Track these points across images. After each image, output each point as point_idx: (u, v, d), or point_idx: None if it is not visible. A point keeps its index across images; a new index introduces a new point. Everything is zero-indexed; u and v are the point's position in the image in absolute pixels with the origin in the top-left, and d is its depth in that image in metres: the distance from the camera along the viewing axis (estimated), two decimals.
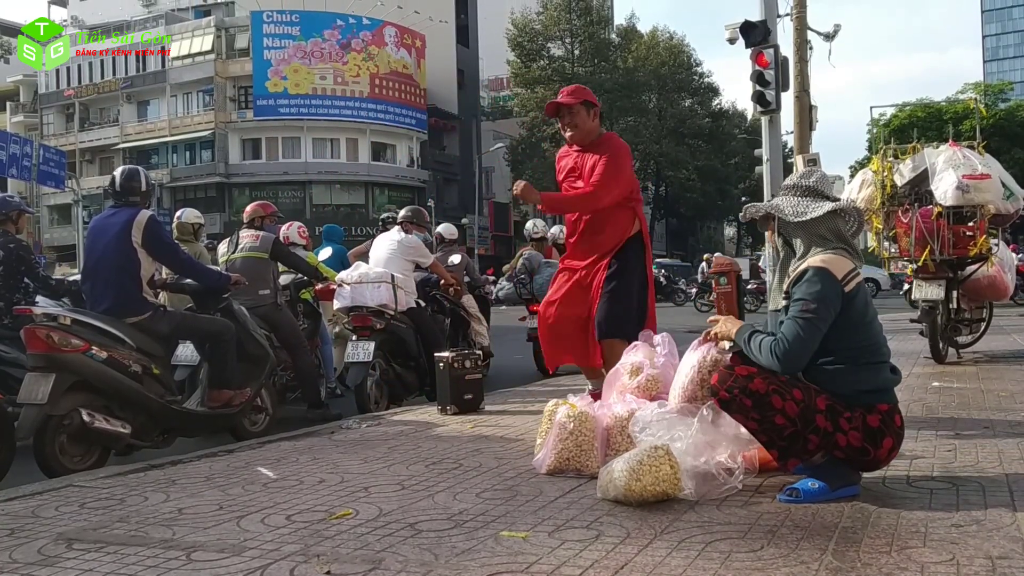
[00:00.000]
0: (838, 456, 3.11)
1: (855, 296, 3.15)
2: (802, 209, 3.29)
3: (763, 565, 2.43)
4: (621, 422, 3.71)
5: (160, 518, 3.20)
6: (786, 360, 3.08)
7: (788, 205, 3.33)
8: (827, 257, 3.17)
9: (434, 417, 5.66)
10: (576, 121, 4.95)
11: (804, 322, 3.08)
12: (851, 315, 3.13)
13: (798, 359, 3.11)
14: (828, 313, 3.09)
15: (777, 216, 3.34)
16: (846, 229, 3.32)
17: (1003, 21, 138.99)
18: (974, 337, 8.55)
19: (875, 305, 3.40)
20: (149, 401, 4.88)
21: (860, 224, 3.40)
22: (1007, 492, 3.14)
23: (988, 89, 58.80)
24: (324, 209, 47.43)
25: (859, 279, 3.19)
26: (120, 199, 5.23)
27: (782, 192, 3.43)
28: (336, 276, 6.92)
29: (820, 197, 3.32)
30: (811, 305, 3.08)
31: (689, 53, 58.73)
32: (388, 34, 49.32)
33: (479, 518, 3.03)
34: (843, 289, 3.12)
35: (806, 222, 3.27)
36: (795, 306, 3.13)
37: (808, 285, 3.12)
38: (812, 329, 3.08)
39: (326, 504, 3.32)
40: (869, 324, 3.19)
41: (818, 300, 3.08)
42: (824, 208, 3.26)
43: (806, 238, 3.28)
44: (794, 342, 3.08)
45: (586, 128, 4.97)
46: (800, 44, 15.11)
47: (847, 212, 3.32)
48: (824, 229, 3.27)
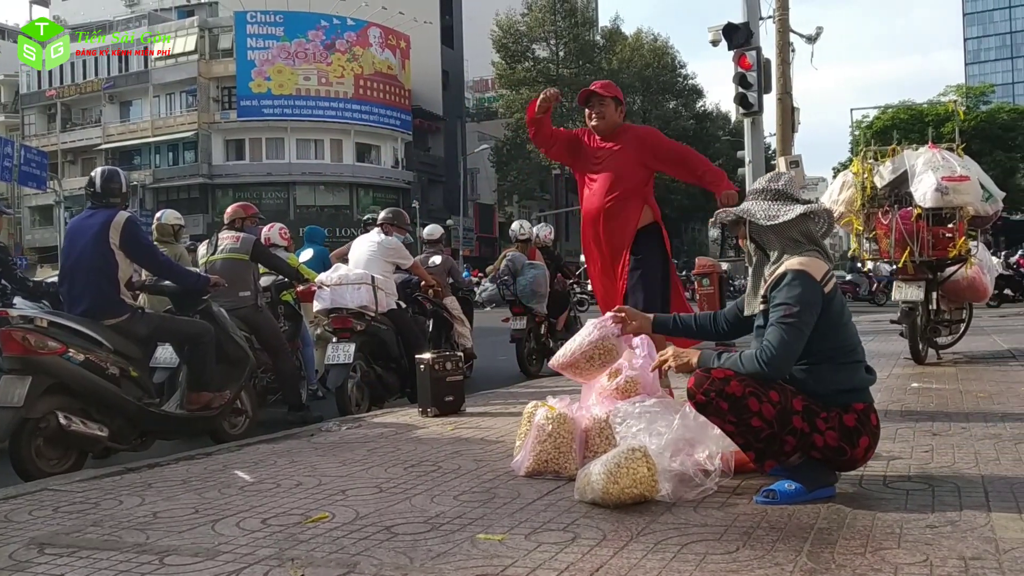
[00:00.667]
0: (815, 457, 3.12)
1: (833, 297, 3.17)
2: (774, 212, 3.29)
3: (738, 567, 2.43)
4: (600, 424, 3.71)
5: (134, 522, 3.18)
6: (773, 366, 3.07)
7: (759, 209, 3.33)
8: (804, 259, 3.17)
9: (415, 419, 5.64)
10: (605, 112, 5.20)
11: (788, 326, 3.07)
12: (830, 316, 3.15)
13: (785, 364, 3.10)
14: (811, 315, 3.09)
15: (749, 220, 3.35)
16: (817, 231, 3.33)
17: (984, 24, 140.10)
18: (954, 338, 8.60)
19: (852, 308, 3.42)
20: (127, 404, 4.85)
21: (830, 225, 3.42)
22: (982, 493, 3.15)
23: (969, 92, 59.28)
24: (308, 210, 47.30)
25: (835, 280, 3.20)
26: (99, 200, 5.19)
27: (751, 196, 3.43)
28: (316, 277, 6.89)
29: (790, 200, 3.33)
30: (794, 309, 3.08)
31: (673, 55, 58.88)
32: (372, 35, 49.27)
33: (456, 521, 3.02)
34: (823, 290, 3.13)
35: (778, 225, 3.27)
36: (777, 311, 3.12)
37: (789, 289, 3.12)
38: (796, 333, 3.07)
39: (302, 507, 3.30)
40: (846, 325, 3.21)
41: (800, 303, 3.08)
42: (796, 211, 3.26)
43: (779, 242, 3.29)
44: (780, 347, 3.06)
45: (612, 121, 5.22)
46: (782, 46, 15.17)
47: (817, 214, 3.33)
48: (796, 232, 3.27)
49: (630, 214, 5.17)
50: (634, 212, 5.18)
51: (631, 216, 5.18)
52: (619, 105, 5.28)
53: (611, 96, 5.22)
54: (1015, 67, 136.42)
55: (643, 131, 5.46)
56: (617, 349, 3.78)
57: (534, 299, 9.15)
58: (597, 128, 5.25)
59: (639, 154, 5.20)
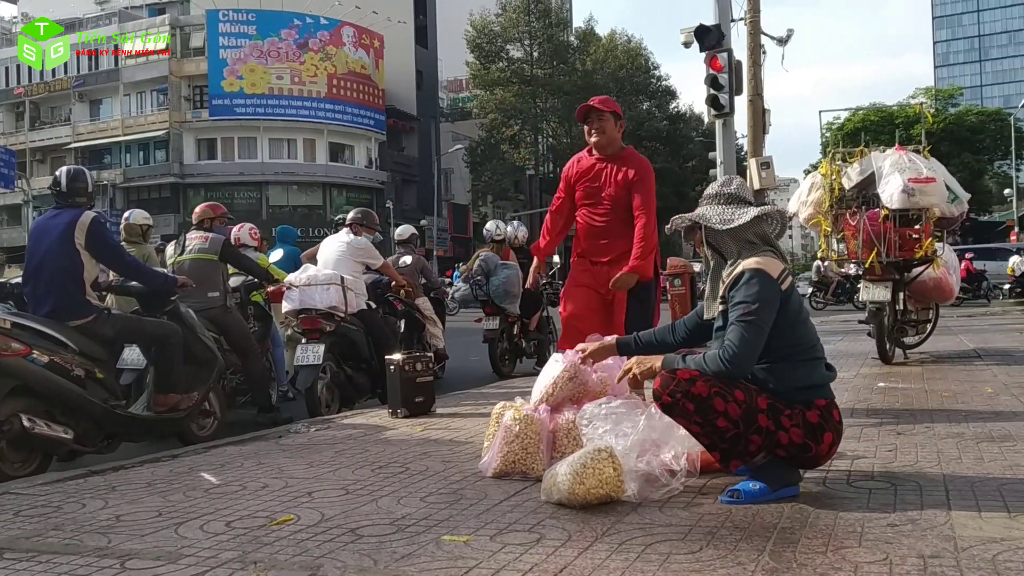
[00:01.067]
0: (780, 455, 3.14)
1: (790, 294, 3.20)
2: (728, 216, 3.33)
3: (701, 566, 2.45)
4: (567, 425, 3.72)
5: (96, 525, 3.15)
6: (736, 364, 3.10)
7: (714, 214, 3.37)
8: (760, 259, 3.22)
9: (384, 420, 5.62)
10: (604, 127, 5.15)
11: (748, 324, 3.11)
12: (788, 313, 3.18)
13: (748, 361, 3.13)
14: (769, 313, 3.13)
15: (704, 225, 3.38)
16: (771, 232, 3.39)
17: (953, 27, 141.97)
18: (921, 338, 8.70)
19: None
20: (92, 406, 4.79)
21: (783, 226, 3.46)
22: (943, 492, 3.19)
23: (939, 94, 60.01)
24: (281, 210, 47.04)
25: (791, 279, 3.24)
26: (65, 200, 5.13)
27: (704, 202, 3.47)
28: (286, 278, 6.86)
29: (743, 203, 3.38)
30: (753, 306, 3.11)
31: (647, 56, 59.12)
32: (346, 34, 49.09)
33: (422, 522, 3.02)
34: (780, 287, 3.17)
35: (733, 229, 3.31)
36: (736, 310, 3.16)
37: (747, 287, 3.15)
38: (757, 330, 3.11)
39: (268, 510, 3.29)
40: (804, 322, 3.25)
41: (758, 300, 3.12)
42: (750, 214, 3.31)
43: (735, 244, 3.33)
44: (741, 345, 3.10)
45: (611, 136, 5.17)
46: (754, 48, 15.28)
47: (770, 216, 3.38)
48: (751, 234, 3.32)
49: (625, 235, 5.09)
50: (629, 233, 5.10)
51: (626, 237, 5.09)
52: (618, 120, 5.22)
53: (610, 111, 5.17)
54: (983, 70, 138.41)
55: (642, 164, 5.25)
56: (585, 378, 3.81)
57: (507, 299, 9.16)
58: (597, 144, 5.20)
59: (635, 183, 5.12)
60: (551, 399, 3.78)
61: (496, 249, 9.65)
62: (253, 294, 7.35)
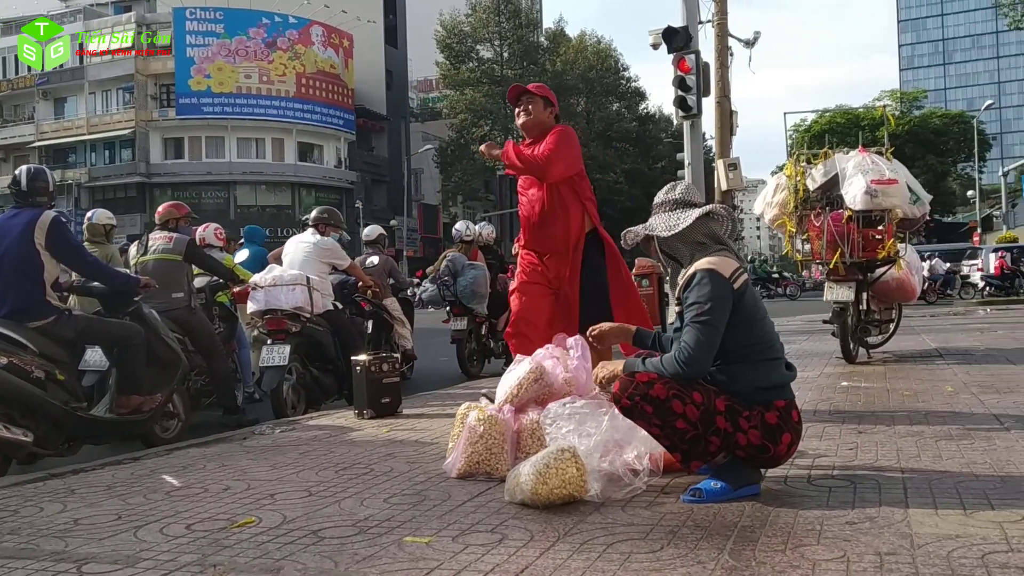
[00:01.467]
0: (739, 455, 3.17)
1: (744, 293, 3.22)
2: (674, 222, 3.38)
3: (661, 565, 2.46)
4: (532, 425, 3.73)
5: (54, 529, 3.11)
6: (691, 366, 3.12)
7: (660, 222, 3.42)
8: (712, 259, 3.25)
9: (350, 421, 5.60)
10: (532, 108, 4.95)
11: (701, 325, 3.14)
12: (743, 312, 3.20)
13: (702, 362, 3.15)
14: (723, 312, 3.16)
15: (655, 235, 3.43)
16: (722, 231, 3.42)
17: (918, 31, 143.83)
18: (884, 337, 8.81)
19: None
20: (53, 408, 4.72)
21: (733, 223, 3.52)
22: (902, 489, 3.23)
23: (903, 97, 60.76)
24: (249, 210, 46.65)
25: (745, 277, 3.26)
26: (25, 199, 5.06)
27: (653, 212, 3.53)
28: (251, 278, 6.81)
29: (689, 206, 3.42)
30: (705, 307, 3.14)
31: (616, 58, 59.32)
32: (315, 33, 48.81)
33: (384, 524, 3.01)
34: (733, 287, 3.19)
35: (681, 232, 3.35)
36: (690, 311, 3.19)
37: (699, 288, 3.19)
38: (710, 330, 3.14)
39: (229, 512, 3.26)
40: (761, 321, 3.26)
41: (710, 300, 3.15)
42: (694, 215, 3.35)
43: (687, 248, 3.38)
44: (696, 347, 3.12)
45: (539, 118, 4.96)
46: (721, 50, 15.41)
47: (717, 214, 3.41)
48: (700, 235, 3.36)
49: (570, 219, 4.85)
50: (574, 217, 4.86)
51: (572, 221, 4.85)
52: (549, 106, 5.02)
53: (541, 96, 5.01)
54: (947, 73, 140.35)
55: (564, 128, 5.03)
56: (551, 380, 3.82)
57: (474, 300, 9.16)
58: (524, 125, 4.99)
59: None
60: (516, 400, 3.78)
61: (464, 250, 9.64)
62: (218, 295, 7.29)
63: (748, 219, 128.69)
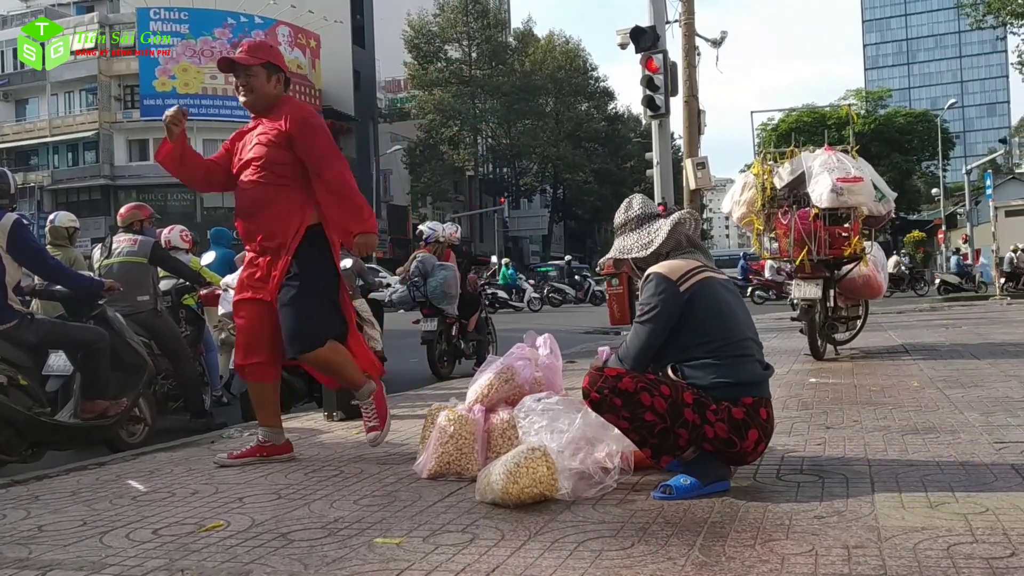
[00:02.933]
0: (707, 449, 3.19)
1: (697, 292, 3.27)
2: (647, 239, 3.49)
3: (632, 562, 2.46)
4: (502, 425, 3.72)
5: (17, 536, 3.05)
6: (628, 361, 3.29)
7: (632, 242, 3.53)
8: (667, 262, 3.36)
9: (320, 424, 5.57)
10: (252, 84, 4.22)
11: (640, 325, 3.31)
12: (696, 311, 3.25)
13: (638, 360, 3.29)
14: (664, 313, 3.25)
15: (630, 257, 3.53)
16: (690, 231, 3.51)
17: (882, 31, 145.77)
18: (851, 334, 8.90)
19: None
20: (15, 414, 4.63)
21: (697, 222, 3.63)
22: (868, 483, 3.26)
23: (869, 96, 61.59)
24: (216, 212, 46.15)
25: (700, 276, 3.30)
26: None
27: (618, 234, 3.62)
28: (220, 280, 6.74)
29: (652, 219, 3.53)
30: (645, 308, 3.30)
31: (585, 58, 59.59)
32: (281, 33, 48.39)
33: (354, 526, 2.99)
34: (678, 288, 3.25)
35: (657, 248, 3.45)
36: (637, 311, 3.35)
37: (645, 290, 3.33)
38: (647, 330, 3.28)
39: (197, 516, 3.22)
40: (724, 318, 3.29)
41: (650, 302, 3.28)
42: (664, 229, 3.46)
43: (660, 258, 3.45)
44: (632, 343, 3.31)
45: (263, 92, 4.24)
46: (688, 50, 15.47)
47: (684, 220, 3.50)
48: (673, 242, 3.45)
49: (282, 207, 4.13)
50: (289, 206, 4.13)
51: (285, 210, 4.13)
52: (274, 73, 4.26)
53: (260, 63, 4.21)
54: (911, 72, 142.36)
55: (297, 109, 4.30)
56: (521, 381, 3.84)
57: (445, 300, 9.13)
58: (247, 104, 4.28)
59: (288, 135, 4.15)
60: (486, 400, 3.78)
61: (433, 250, 9.61)
62: (185, 297, 7.22)
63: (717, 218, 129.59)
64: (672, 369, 3.34)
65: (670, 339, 3.27)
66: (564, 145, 55.20)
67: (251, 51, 4.25)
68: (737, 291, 3.57)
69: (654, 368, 3.34)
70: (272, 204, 4.14)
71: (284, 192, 4.15)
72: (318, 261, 4.18)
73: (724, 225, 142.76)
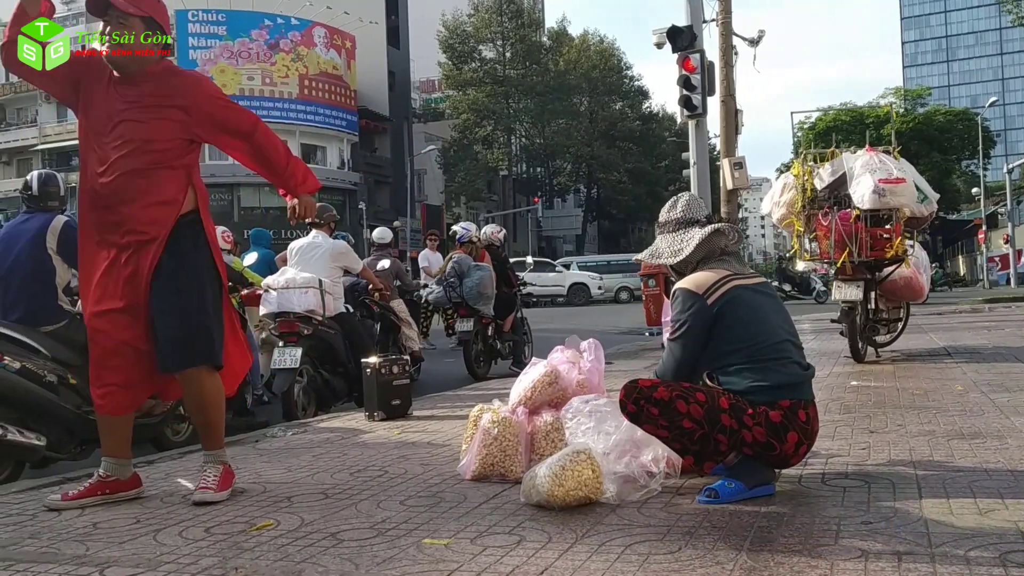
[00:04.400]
0: (747, 453, 3.18)
1: (727, 303, 3.27)
2: (678, 246, 3.51)
3: (680, 566, 2.47)
4: (546, 427, 3.74)
5: (74, 533, 3.12)
6: (668, 379, 3.31)
7: (666, 245, 3.56)
8: (692, 275, 3.39)
9: (361, 424, 5.62)
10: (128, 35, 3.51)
11: (672, 342, 3.35)
12: (727, 321, 3.26)
13: (677, 376, 3.33)
14: (694, 329, 3.29)
15: (659, 262, 3.58)
16: (728, 244, 3.53)
17: (921, 28, 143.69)
18: (892, 336, 8.81)
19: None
20: (65, 412, 4.74)
21: (739, 235, 3.65)
22: (916, 489, 3.24)
23: (907, 94, 60.68)
24: (253, 212, 46.69)
25: (729, 286, 3.31)
26: (36, 204, 5.09)
27: (658, 232, 3.66)
28: (262, 281, 6.82)
29: (692, 225, 3.53)
30: (675, 325, 3.34)
31: (620, 57, 59.46)
32: (317, 35, 48.81)
33: (402, 526, 3.02)
34: (706, 302, 3.27)
35: (686, 258, 3.47)
36: (669, 328, 3.39)
37: (674, 307, 3.38)
38: (679, 346, 3.33)
39: (247, 515, 3.27)
40: (757, 324, 3.29)
41: (680, 318, 3.32)
42: (695, 239, 3.46)
43: (691, 265, 3.49)
44: (667, 361, 3.38)
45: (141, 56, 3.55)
46: (725, 49, 15.36)
47: (720, 231, 3.50)
48: (705, 252, 3.47)
49: (160, 193, 3.53)
50: (167, 191, 3.55)
51: (162, 196, 3.53)
52: (154, 31, 3.57)
53: (141, 14, 3.52)
54: (951, 70, 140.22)
55: (194, 79, 3.78)
56: (565, 384, 3.85)
57: (481, 301, 9.16)
58: (115, 62, 3.54)
59: (183, 111, 3.58)
60: (529, 402, 3.80)
61: (468, 251, 9.64)
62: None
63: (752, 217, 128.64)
64: (708, 376, 3.35)
65: (704, 349, 3.31)
66: (598, 144, 55.12)
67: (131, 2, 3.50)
68: (774, 292, 3.57)
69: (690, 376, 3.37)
70: (140, 192, 3.49)
71: (156, 177, 3.52)
72: (196, 255, 3.61)
73: (760, 224, 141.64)
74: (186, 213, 3.60)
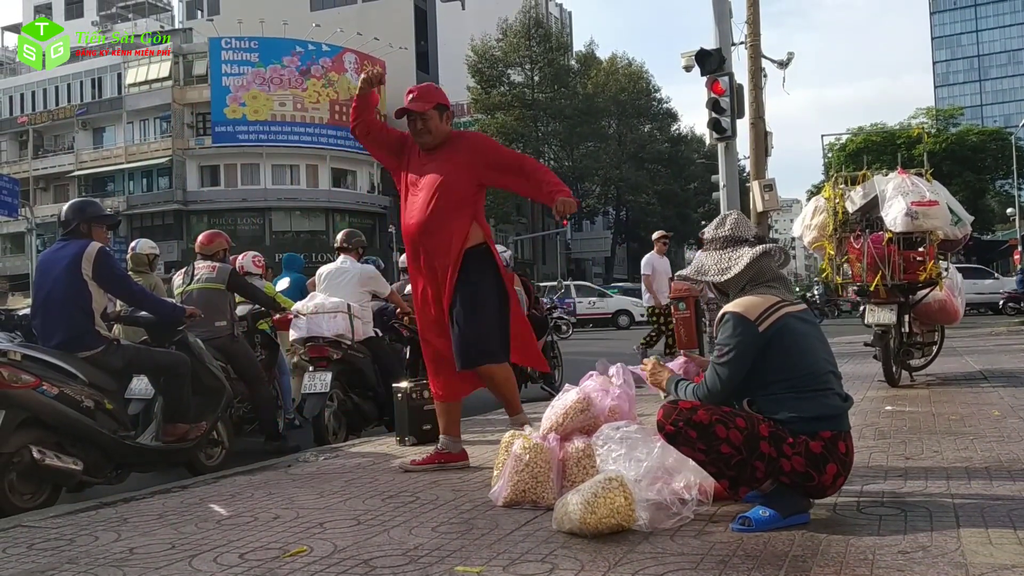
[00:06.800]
0: (784, 482, 3.15)
1: (777, 331, 3.23)
2: (725, 265, 3.45)
3: None
4: (577, 454, 3.73)
5: (110, 558, 3.16)
6: (710, 402, 3.25)
7: (713, 263, 3.49)
8: (743, 300, 3.31)
9: (393, 448, 5.63)
10: (430, 126, 4.69)
11: (719, 367, 3.27)
12: (776, 349, 3.22)
13: (719, 399, 3.26)
14: (743, 355, 3.23)
15: (705, 280, 3.52)
16: (775, 265, 3.47)
17: (952, 48, 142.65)
18: (926, 360, 8.69)
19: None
20: (102, 437, 4.81)
21: (786, 256, 3.61)
22: (953, 517, 3.19)
23: (939, 114, 60.13)
24: (284, 236, 47.17)
25: (779, 314, 3.26)
26: (69, 231, 5.17)
27: (704, 249, 3.61)
28: (292, 306, 6.88)
29: (740, 243, 3.46)
30: (724, 349, 3.26)
31: (648, 79, 59.51)
32: (348, 60, 49.36)
33: (434, 553, 3.02)
34: (757, 329, 3.22)
35: (733, 277, 3.41)
36: (715, 351, 3.33)
37: (723, 330, 3.29)
38: (726, 372, 3.25)
39: (280, 541, 3.29)
40: (803, 354, 3.25)
41: (728, 344, 3.25)
42: (744, 260, 3.39)
43: (736, 286, 3.42)
44: (711, 385, 3.29)
45: (440, 132, 4.72)
46: (755, 72, 15.37)
47: (769, 253, 3.45)
48: (753, 273, 3.40)
49: (455, 229, 4.60)
50: (460, 228, 4.61)
51: (456, 232, 4.60)
52: (444, 112, 4.75)
53: (432, 106, 4.68)
54: (983, 89, 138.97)
55: (474, 137, 5.05)
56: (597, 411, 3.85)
57: None
58: (425, 144, 4.73)
59: (470, 163, 4.68)
60: (561, 428, 3.79)
61: None
62: (260, 322, 7.37)
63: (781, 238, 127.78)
64: (748, 402, 3.31)
65: (749, 375, 3.25)
66: (627, 167, 55.11)
67: (422, 97, 4.68)
68: (815, 321, 3.53)
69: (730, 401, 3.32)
70: (441, 228, 4.58)
71: (453, 217, 4.59)
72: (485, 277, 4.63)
73: (790, 247, 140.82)
74: (475, 245, 4.63)
